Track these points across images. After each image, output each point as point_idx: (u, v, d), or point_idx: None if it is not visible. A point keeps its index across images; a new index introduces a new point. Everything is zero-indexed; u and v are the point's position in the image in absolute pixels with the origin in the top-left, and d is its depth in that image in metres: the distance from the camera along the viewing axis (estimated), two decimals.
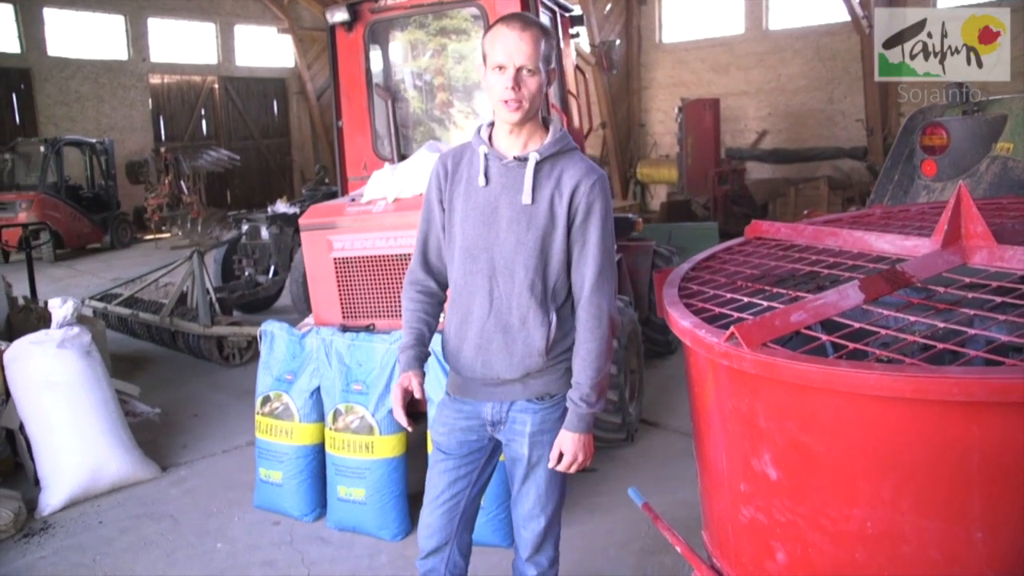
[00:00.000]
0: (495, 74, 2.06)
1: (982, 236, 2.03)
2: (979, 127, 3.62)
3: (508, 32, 2.05)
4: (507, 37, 2.04)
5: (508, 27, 2.06)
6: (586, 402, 2.17)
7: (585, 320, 2.17)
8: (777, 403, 1.76)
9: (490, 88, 2.10)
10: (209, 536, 3.72)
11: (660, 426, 4.91)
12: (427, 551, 2.34)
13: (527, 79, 2.06)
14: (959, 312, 1.82)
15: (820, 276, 2.30)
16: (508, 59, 2.04)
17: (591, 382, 2.17)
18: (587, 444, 2.21)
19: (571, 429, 2.19)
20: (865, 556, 1.67)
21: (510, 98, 2.05)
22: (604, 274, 2.16)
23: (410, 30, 5.03)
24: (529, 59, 2.04)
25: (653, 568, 3.32)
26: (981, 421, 1.45)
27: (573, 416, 2.19)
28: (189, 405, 5.60)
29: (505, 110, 2.08)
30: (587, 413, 2.18)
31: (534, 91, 2.07)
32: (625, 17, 16.09)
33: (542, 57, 2.06)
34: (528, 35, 2.04)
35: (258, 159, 20.37)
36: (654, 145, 16.53)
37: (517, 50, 2.03)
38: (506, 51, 2.04)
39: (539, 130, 2.18)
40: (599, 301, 2.16)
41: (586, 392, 2.17)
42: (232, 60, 19.74)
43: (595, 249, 2.14)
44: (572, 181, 2.13)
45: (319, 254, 3.79)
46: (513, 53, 2.03)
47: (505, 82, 2.04)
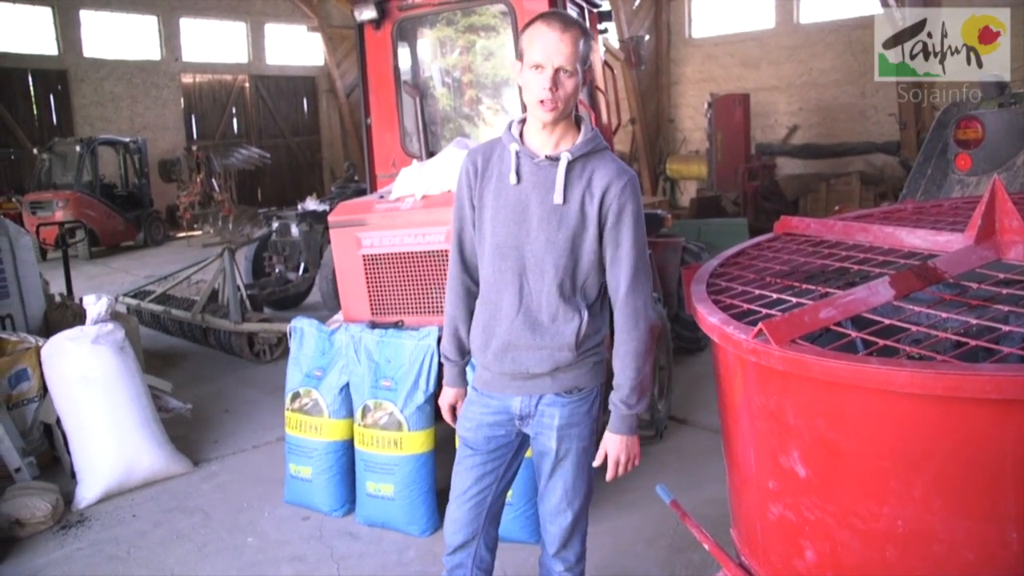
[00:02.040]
0: (532, 73, 2.05)
1: (1017, 231, 2.00)
2: (1016, 120, 3.55)
3: (548, 32, 2.03)
4: (547, 37, 2.03)
5: (549, 27, 2.04)
6: (626, 404, 2.19)
7: (622, 322, 2.18)
8: (806, 400, 1.75)
9: (526, 86, 2.09)
10: (240, 530, 3.77)
11: (689, 423, 4.88)
12: (454, 546, 2.36)
13: (565, 80, 2.05)
14: (993, 308, 1.79)
15: (850, 272, 2.27)
16: (547, 59, 2.02)
17: (631, 383, 2.18)
18: (631, 446, 2.23)
19: (614, 431, 2.22)
20: (896, 555, 1.65)
21: (547, 98, 2.04)
22: (639, 275, 2.16)
23: (438, 27, 5.04)
24: (568, 60, 2.03)
25: (681, 565, 3.30)
26: (1016, 419, 1.43)
27: (615, 418, 2.21)
28: (220, 401, 5.67)
29: (540, 110, 2.07)
30: (629, 415, 2.20)
31: (570, 92, 2.07)
32: (654, 12, 16.00)
33: (580, 58, 2.05)
34: (569, 36, 2.03)
35: (288, 157, 20.56)
36: (684, 141, 16.42)
37: (557, 51, 2.02)
38: (545, 51, 2.02)
39: (571, 129, 2.17)
40: (635, 302, 2.16)
41: (626, 394, 2.19)
42: (262, 59, 19.94)
43: (629, 251, 2.14)
44: (603, 182, 2.12)
45: (348, 251, 3.81)
46: (553, 53, 2.02)
47: (543, 82, 2.03)
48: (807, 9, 14.40)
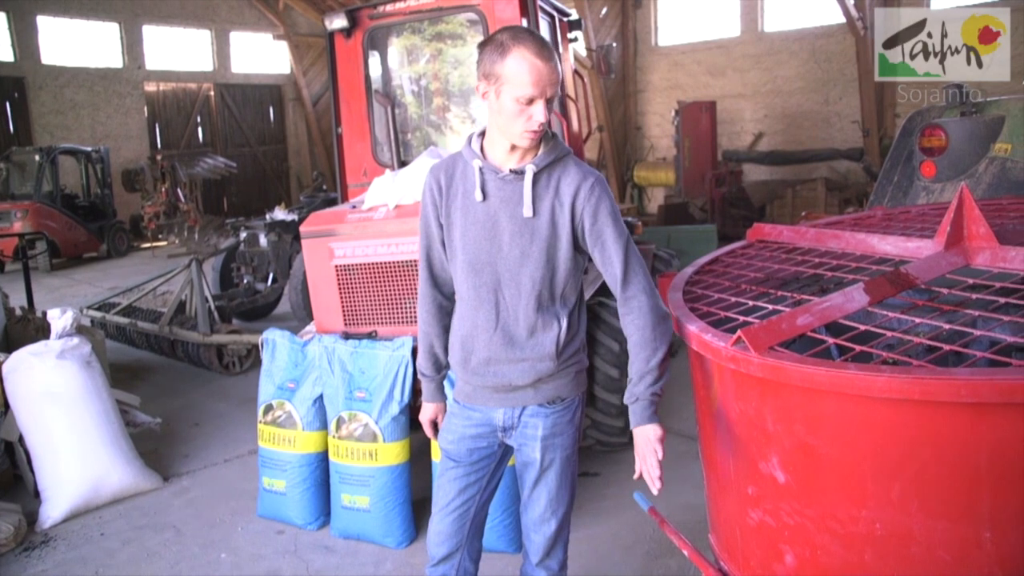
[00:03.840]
0: (517, 104, 1.98)
1: (984, 237, 2.05)
2: (977, 128, 3.64)
3: (538, 63, 1.95)
4: (539, 69, 1.95)
5: (538, 57, 1.96)
6: (639, 388, 2.12)
7: (628, 313, 2.13)
8: (785, 406, 1.77)
9: (510, 116, 2.01)
10: (213, 546, 3.71)
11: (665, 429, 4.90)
12: (438, 558, 2.35)
13: (549, 108, 2.02)
14: (963, 313, 1.83)
15: (824, 279, 2.31)
16: (540, 92, 1.97)
17: (640, 372, 2.11)
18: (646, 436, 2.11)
19: (635, 423, 2.13)
20: (874, 558, 1.68)
21: (538, 130, 2.01)
22: (632, 264, 2.12)
23: (408, 36, 5.03)
24: (556, 88, 2.00)
25: (659, 571, 3.32)
26: (988, 422, 1.46)
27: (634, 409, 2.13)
28: (190, 414, 5.59)
29: (527, 139, 2.04)
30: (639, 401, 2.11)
31: (549, 117, 2.04)
32: (621, 20, 16.12)
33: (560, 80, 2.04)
34: (553, 63, 1.98)
35: (254, 166, 20.37)
36: (651, 148, 16.55)
37: (550, 83, 1.97)
38: (539, 84, 1.96)
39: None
40: (636, 291, 2.12)
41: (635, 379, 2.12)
42: (228, 67, 19.74)
43: (615, 245, 2.11)
44: (571, 189, 2.10)
45: (320, 261, 3.79)
46: (546, 86, 1.97)
47: (538, 116, 1.98)
48: (771, 18, 14.60)
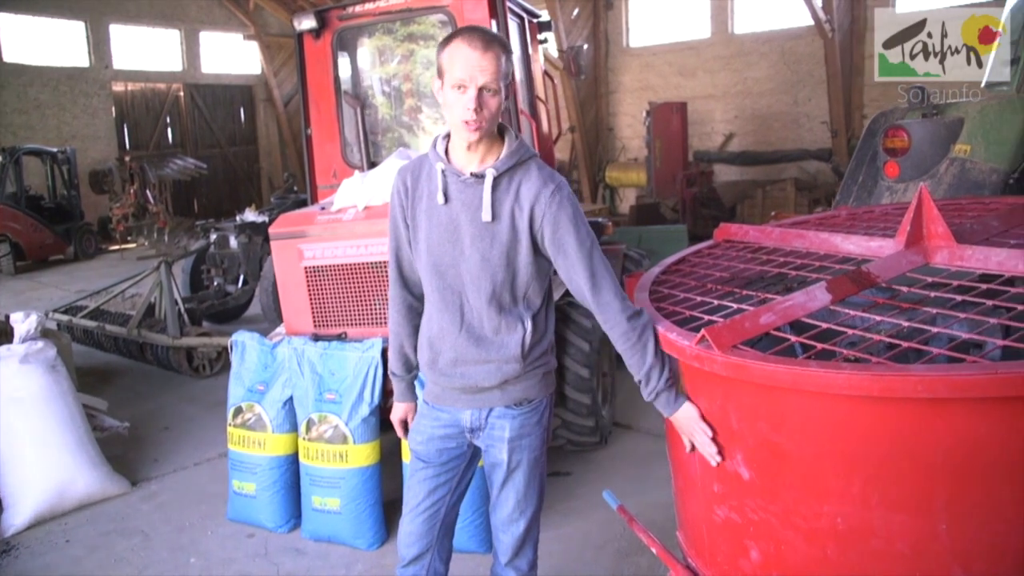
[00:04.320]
0: (455, 92, 2.01)
1: (943, 236, 2.09)
2: (938, 130, 3.71)
3: (470, 51, 1.98)
4: (469, 56, 1.98)
5: (470, 45, 1.99)
6: (648, 392, 2.07)
7: (604, 321, 2.11)
8: (748, 404, 1.79)
9: (448, 106, 2.04)
10: (182, 551, 3.68)
11: (633, 428, 4.94)
12: (408, 559, 2.34)
13: (488, 99, 2.01)
14: (922, 311, 1.87)
15: (788, 278, 2.34)
16: (471, 79, 1.98)
17: (642, 372, 2.06)
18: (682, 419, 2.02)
19: (667, 414, 2.07)
20: (836, 552, 1.70)
21: (471, 119, 2.00)
22: (598, 271, 2.10)
23: (378, 36, 5.01)
24: (491, 79, 1.99)
25: (629, 570, 3.34)
26: (944, 417, 1.49)
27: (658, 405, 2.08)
28: (159, 418, 5.52)
29: (465, 130, 2.03)
30: (656, 395, 2.06)
31: (494, 111, 2.03)
32: (592, 21, 16.17)
33: (502, 75, 2.02)
34: (491, 54, 1.99)
35: (225, 167, 20.17)
36: (622, 149, 16.62)
37: (480, 70, 1.98)
38: (468, 70, 1.98)
39: (496, 143, 2.14)
40: (606, 297, 2.09)
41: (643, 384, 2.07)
42: (197, 67, 19.53)
43: (578, 254, 2.09)
44: (531, 195, 2.09)
45: (290, 263, 3.77)
46: (476, 73, 1.98)
47: (467, 103, 1.99)
48: (741, 20, 14.72)
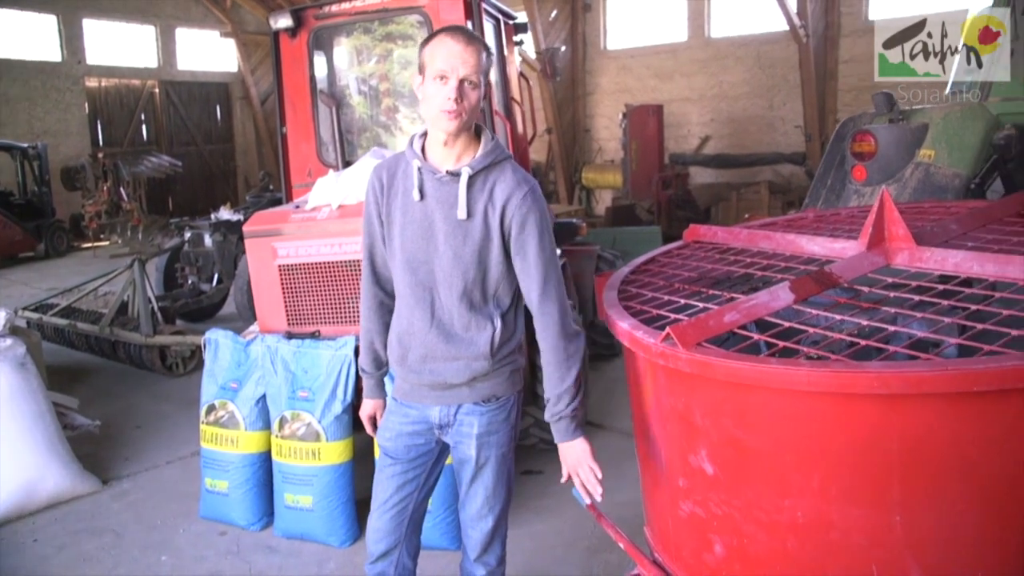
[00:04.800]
0: (436, 84, 2.06)
1: (903, 239, 2.14)
2: (904, 135, 3.78)
3: (453, 44, 2.05)
4: (451, 48, 2.05)
5: (453, 39, 2.06)
6: (552, 412, 2.21)
7: (539, 330, 2.20)
8: (712, 400, 1.83)
9: (429, 98, 2.09)
10: (153, 549, 3.66)
11: (605, 428, 4.98)
12: (376, 555, 2.36)
13: (469, 91, 2.07)
14: (882, 311, 1.91)
15: (754, 278, 2.38)
16: (452, 70, 2.04)
17: (555, 391, 2.20)
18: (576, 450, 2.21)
19: (559, 440, 2.23)
20: (796, 544, 1.75)
21: (451, 109, 2.04)
22: (550, 281, 2.17)
23: (354, 36, 5.01)
24: (473, 71, 2.05)
25: (599, 566, 3.38)
26: (899, 412, 1.54)
27: (553, 429, 2.23)
28: (131, 417, 5.49)
29: (445, 120, 2.07)
30: (560, 419, 2.20)
31: (474, 103, 2.09)
32: (570, 24, 16.22)
33: (483, 70, 2.08)
34: (473, 48, 2.06)
35: (201, 165, 20.00)
36: (599, 150, 16.69)
37: (462, 61, 2.04)
38: (450, 62, 2.04)
39: (472, 142, 2.18)
40: (549, 309, 2.18)
41: (552, 402, 2.21)
42: (173, 64, 19.35)
43: (536, 260, 2.15)
44: (504, 194, 2.14)
45: (264, 261, 3.77)
46: (458, 65, 2.04)
47: (448, 92, 2.04)
48: (718, 24, 14.84)
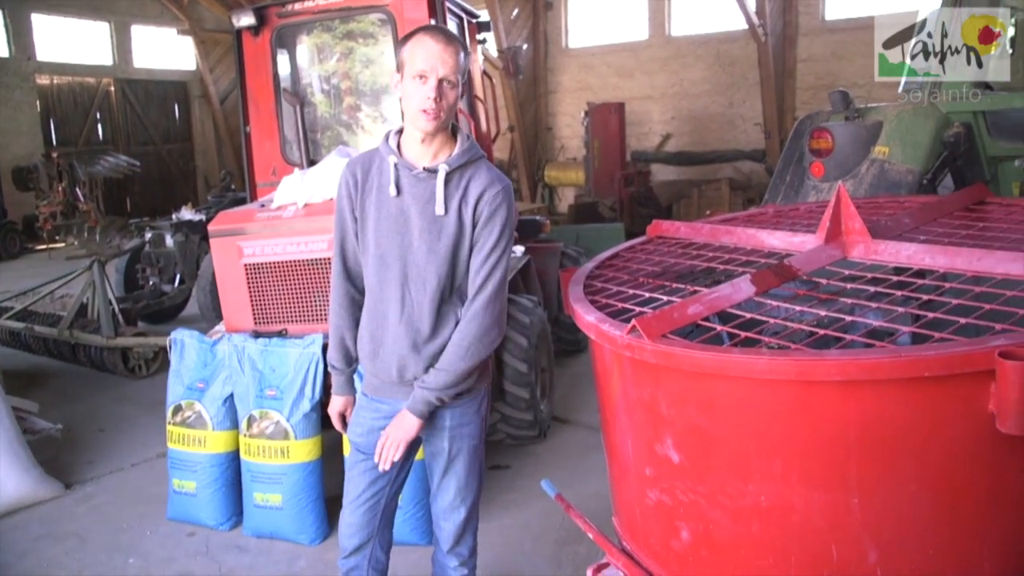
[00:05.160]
0: (415, 83, 2.09)
1: (859, 232, 2.21)
2: (860, 132, 3.89)
3: (433, 44, 2.09)
4: (431, 48, 2.08)
5: (432, 39, 2.10)
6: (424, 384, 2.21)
7: (466, 312, 2.22)
8: (677, 390, 1.88)
9: (408, 96, 2.12)
10: (120, 552, 3.63)
11: (571, 422, 5.04)
12: (350, 550, 2.39)
13: (447, 91, 2.11)
14: (840, 302, 1.99)
15: (716, 271, 2.44)
16: (432, 70, 2.07)
17: (444, 365, 2.20)
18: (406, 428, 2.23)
19: (408, 407, 2.23)
20: (760, 528, 1.80)
21: (431, 108, 2.09)
22: (493, 278, 2.21)
23: (317, 34, 5.01)
24: (451, 71, 2.09)
25: (567, 557, 3.42)
26: (856, 398, 1.60)
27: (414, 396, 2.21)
28: (94, 420, 5.42)
29: (424, 119, 2.11)
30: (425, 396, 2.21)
31: (452, 103, 2.13)
32: (532, 22, 16.29)
33: (461, 70, 2.12)
34: (452, 48, 2.09)
35: (159, 165, 19.69)
36: (561, 148, 16.78)
37: (441, 62, 2.07)
38: (430, 61, 2.07)
39: (448, 140, 2.23)
40: (483, 299, 2.21)
41: (443, 380, 2.20)
42: (129, 61, 19.00)
43: (489, 250, 2.21)
44: (478, 190, 2.20)
45: (229, 260, 3.76)
46: (437, 64, 2.07)
47: (427, 92, 2.08)
48: (678, 22, 15.01)
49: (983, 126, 4.00)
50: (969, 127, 3.92)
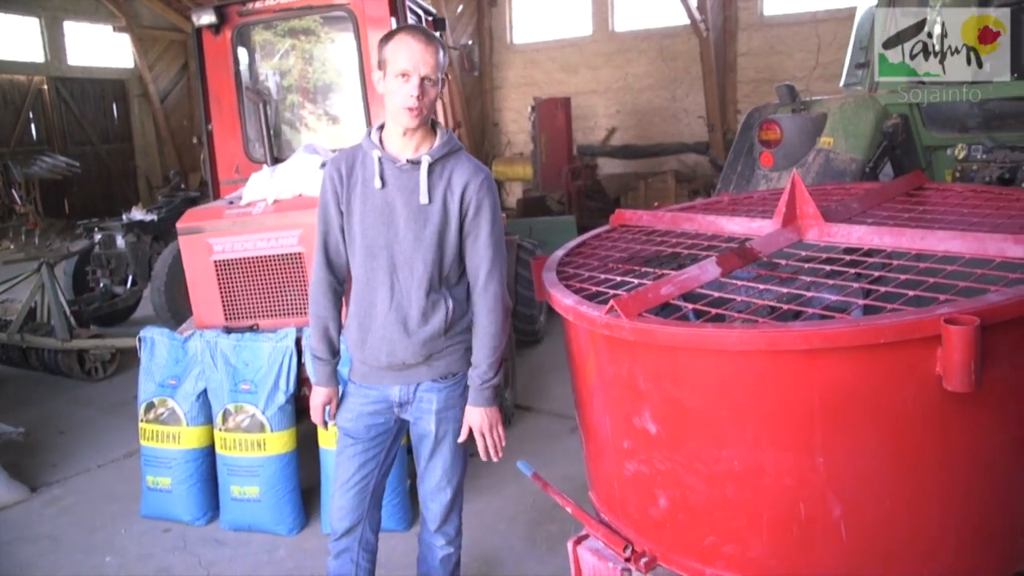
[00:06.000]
0: (397, 81, 2.19)
1: (813, 216, 2.38)
2: (806, 124, 4.09)
3: (414, 43, 2.18)
4: (413, 48, 2.17)
5: (414, 38, 2.19)
6: (483, 378, 2.40)
7: (481, 305, 2.39)
8: (654, 365, 2.01)
9: (391, 94, 2.22)
10: (96, 551, 3.64)
11: (534, 410, 5.17)
12: (341, 532, 2.47)
13: (429, 88, 2.21)
14: (798, 280, 2.14)
15: (681, 256, 2.59)
16: (414, 68, 2.17)
17: (488, 360, 2.40)
18: (491, 416, 2.44)
19: (475, 404, 2.42)
20: (734, 491, 1.95)
21: (413, 105, 2.19)
22: (496, 262, 2.37)
23: (278, 33, 5.03)
24: (432, 70, 2.19)
25: (541, 537, 3.55)
26: (819, 365, 1.75)
27: (474, 392, 2.42)
28: (52, 423, 5.35)
29: (407, 116, 2.21)
30: (487, 387, 2.41)
31: (433, 99, 2.24)
32: (476, 18, 16.38)
33: (441, 68, 2.23)
34: (432, 48, 2.19)
35: (98, 165, 19.17)
36: (508, 143, 16.91)
37: (423, 61, 2.17)
38: (412, 61, 2.17)
39: (429, 134, 2.34)
40: (494, 288, 2.38)
41: (484, 369, 2.40)
42: (63, 59, 18.43)
43: (487, 241, 2.35)
44: (462, 180, 2.31)
45: (199, 257, 3.79)
46: (419, 64, 2.17)
47: (410, 90, 2.17)
48: (621, 18, 15.24)
49: (918, 118, 4.24)
50: (906, 118, 4.15)
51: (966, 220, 2.47)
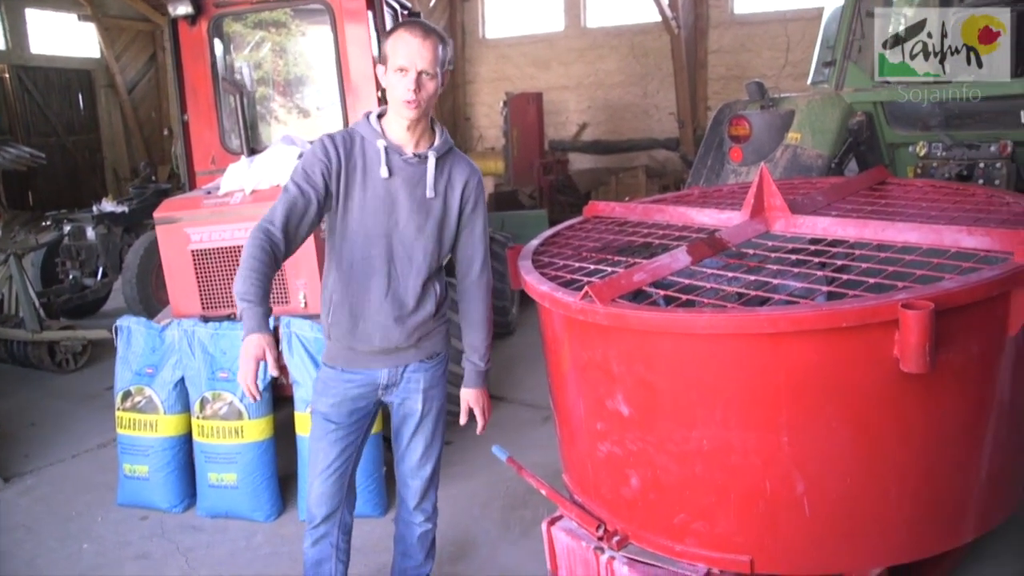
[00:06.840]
0: (397, 75, 2.24)
1: (780, 208, 2.48)
2: (774, 120, 4.21)
3: (411, 38, 2.23)
4: (410, 43, 2.22)
5: (411, 33, 2.24)
6: (483, 361, 2.59)
7: (475, 293, 2.54)
8: (627, 349, 2.10)
9: (392, 87, 2.28)
10: (72, 539, 3.64)
11: (506, 400, 5.23)
12: (320, 518, 2.52)
13: (426, 82, 2.26)
14: (765, 269, 2.24)
15: (653, 245, 2.68)
16: (411, 63, 2.22)
17: (485, 344, 2.59)
18: (487, 397, 2.67)
19: (474, 386, 2.62)
20: (704, 469, 2.04)
21: (411, 99, 2.25)
22: (487, 254, 2.54)
23: (254, 24, 5.04)
24: (429, 64, 2.24)
25: (515, 522, 3.63)
26: (784, 348, 1.85)
27: (474, 375, 2.61)
28: (23, 415, 5.31)
29: (406, 109, 2.27)
30: (484, 370, 2.60)
31: (431, 93, 2.29)
32: (449, 13, 16.39)
33: (439, 62, 2.27)
34: (430, 42, 2.24)
35: (63, 157, 18.83)
36: (480, 138, 16.94)
37: (419, 55, 2.22)
38: (408, 56, 2.22)
39: (428, 129, 2.41)
40: (487, 277, 2.55)
41: (482, 353, 2.59)
42: (25, 47, 18.04)
43: (481, 234, 2.50)
44: (462, 177, 2.43)
45: (176, 247, 3.80)
46: (415, 58, 2.22)
47: (408, 84, 2.23)
48: (593, 14, 15.33)
49: (882, 115, 4.37)
50: (870, 116, 4.28)
51: (925, 213, 2.59)
